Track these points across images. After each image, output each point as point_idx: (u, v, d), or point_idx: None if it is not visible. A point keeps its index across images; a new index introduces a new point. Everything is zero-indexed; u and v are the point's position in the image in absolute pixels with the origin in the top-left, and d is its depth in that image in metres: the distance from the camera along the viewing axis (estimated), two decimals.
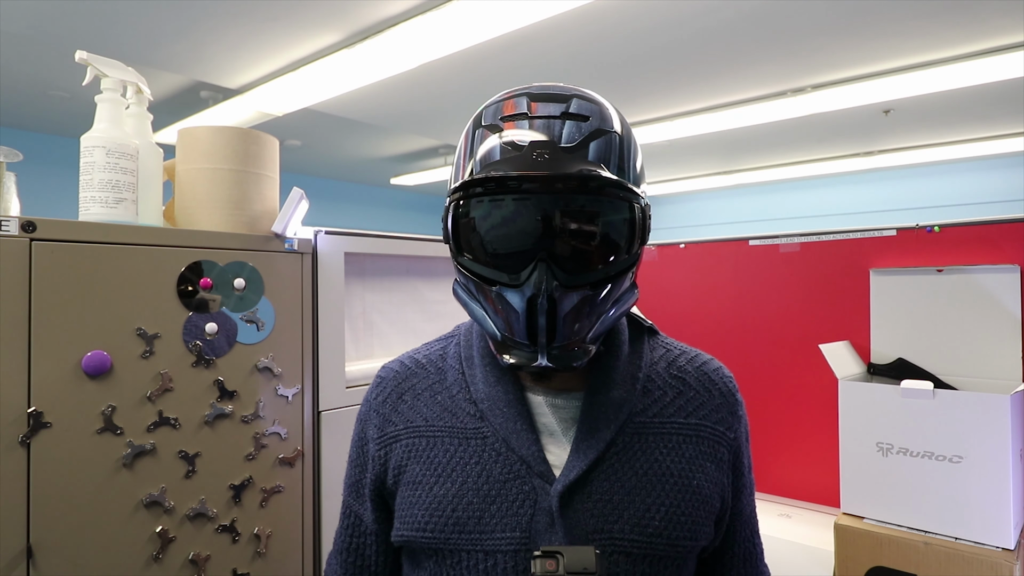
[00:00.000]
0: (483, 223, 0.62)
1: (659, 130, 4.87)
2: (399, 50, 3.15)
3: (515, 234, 0.60)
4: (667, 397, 0.68)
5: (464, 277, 0.65)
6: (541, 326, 0.59)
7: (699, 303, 2.09)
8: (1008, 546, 1.23)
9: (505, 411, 0.65)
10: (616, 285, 0.62)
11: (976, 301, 1.54)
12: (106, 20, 2.98)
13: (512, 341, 0.61)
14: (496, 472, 0.63)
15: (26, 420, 0.94)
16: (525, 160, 0.58)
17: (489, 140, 0.62)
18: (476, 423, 0.66)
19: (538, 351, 0.60)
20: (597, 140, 0.61)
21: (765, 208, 7.86)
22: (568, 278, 0.59)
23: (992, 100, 4.29)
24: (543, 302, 0.58)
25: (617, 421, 0.64)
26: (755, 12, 2.98)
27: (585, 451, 0.63)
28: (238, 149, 1.23)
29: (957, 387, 1.54)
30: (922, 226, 1.66)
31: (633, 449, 0.64)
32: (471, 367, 0.70)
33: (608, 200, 0.61)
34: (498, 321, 0.62)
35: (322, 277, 1.34)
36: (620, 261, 0.62)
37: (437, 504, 0.63)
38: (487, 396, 0.66)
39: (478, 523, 0.61)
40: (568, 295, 0.59)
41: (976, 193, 6.36)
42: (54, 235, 0.98)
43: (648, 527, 0.61)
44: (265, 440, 1.22)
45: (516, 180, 0.58)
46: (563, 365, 0.60)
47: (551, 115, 0.61)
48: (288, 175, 1.51)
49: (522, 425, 0.64)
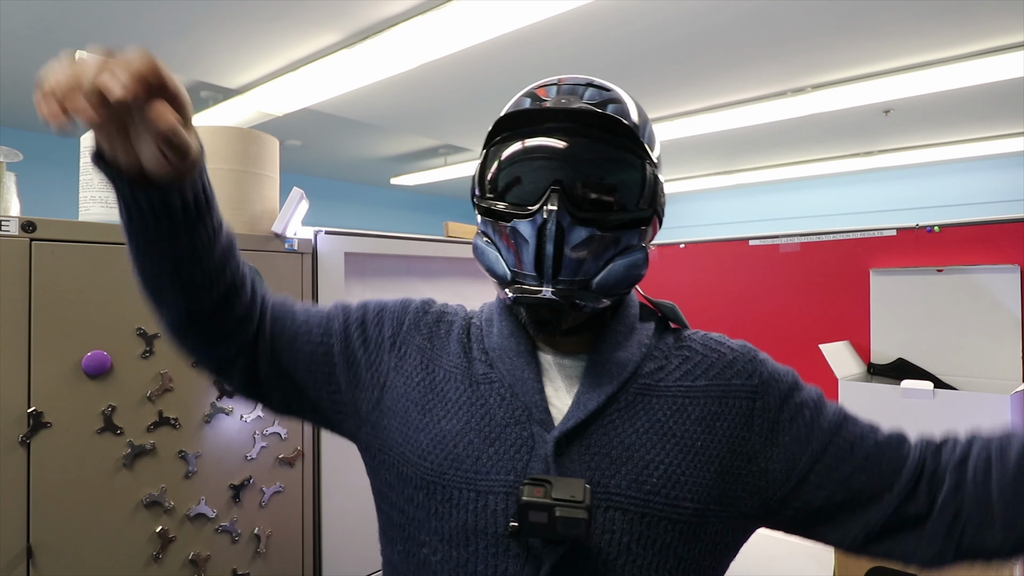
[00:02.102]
0: (506, 159, 0.66)
1: (659, 130, 4.81)
2: (399, 50, 3.15)
3: (533, 170, 0.64)
4: (672, 363, 0.68)
5: (483, 223, 0.68)
6: (548, 254, 0.61)
7: (699, 303, 2.09)
8: None
9: (514, 360, 0.67)
10: (624, 237, 0.64)
11: (976, 301, 1.54)
12: (106, 20, 2.98)
13: (520, 275, 0.64)
14: (499, 415, 0.65)
15: (26, 420, 0.94)
16: (551, 103, 0.65)
17: (521, 100, 0.68)
18: (485, 368, 0.68)
19: (543, 281, 0.62)
20: (616, 104, 0.66)
21: (765, 208, 7.85)
22: (578, 212, 0.61)
23: (992, 100, 4.29)
24: (551, 228, 0.60)
25: (620, 378, 0.65)
26: (755, 12, 2.98)
27: (586, 403, 0.64)
28: (238, 149, 1.23)
29: (957, 387, 1.54)
30: (922, 226, 1.66)
31: (635, 407, 0.65)
32: (488, 324, 0.73)
33: (622, 150, 0.64)
34: (509, 258, 0.65)
35: (322, 277, 1.34)
36: (628, 210, 0.65)
37: (441, 437, 0.64)
38: (499, 346, 0.69)
39: (475, 462, 0.62)
40: (576, 228, 0.61)
41: (976, 193, 6.36)
42: (54, 235, 0.98)
43: (645, 484, 0.60)
44: (265, 440, 1.22)
45: (540, 115, 0.64)
46: (566, 298, 0.61)
47: (577, 83, 0.68)
48: (288, 175, 1.51)
49: (529, 374, 0.66)
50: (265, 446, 1.21)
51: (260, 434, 1.20)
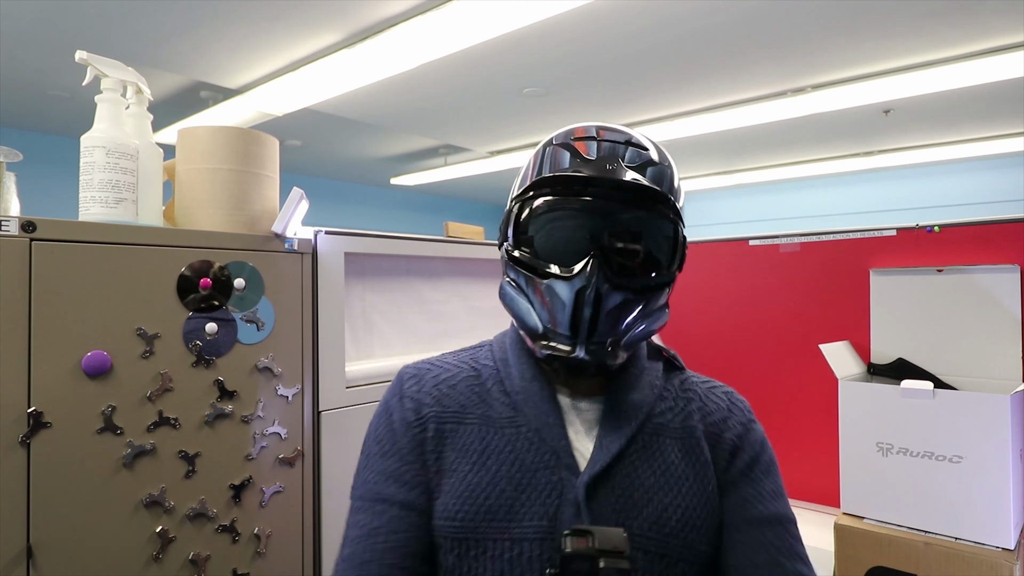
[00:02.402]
0: (546, 220, 0.68)
1: (659, 130, 4.87)
2: (399, 50, 3.15)
3: (573, 232, 0.66)
4: (679, 404, 0.73)
5: (515, 273, 0.70)
6: (585, 317, 0.64)
7: (699, 303, 2.09)
8: (1008, 546, 1.23)
9: (539, 404, 0.69)
10: (654, 298, 0.68)
11: (976, 301, 1.54)
12: (106, 20, 2.98)
13: (554, 333, 0.66)
14: (528, 460, 0.66)
15: (26, 420, 0.94)
16: (594, 167, 0.66)
17: (560, 153, 0.69)
18: (510, 412, 0.69)
19: (577, 342, 0.64)
20: (654, 167, 0.68)
21: (765, 208, 7.85)
22: (615, 278, 0.65)
23: (992, 100, 4.29)
24: (591, 294, 0.63)
25: (637, 419, 0.69)
26: (755, 12, 2.98)
27: (608, 446, 0.66)
28: (238, 149, 1.23)
29: (957, 387, 1.54)
30: (922, 226, 1.66)
31: (651, 448, 0.68)
32: (506, 365, 0.74)
33: (658, 216, 0.67)
34: (543, 313, 0.67)
35: (322, 277, 1.34)
36: (660, 274, 0.68)
37: (470, 492, 0.64)
38: (522, 389, 0.70)
39: (508, 511, 0.63)
40: (612, 294, 0.64)
41: (976, 193, 6.36)
42: (54, 235, 0.98)
43: (665, 527, 0.63)
44: (265, 440, 1.22)
45: (584, 182, 0.66)
46: (598, 360, 0.64)
47: (616, 140, 0.69)
48: (288, 175, 1.51)
49: (554, 419, 0.68)
50: (265, 446, 1.21)
51: (260, 434, 1.21)
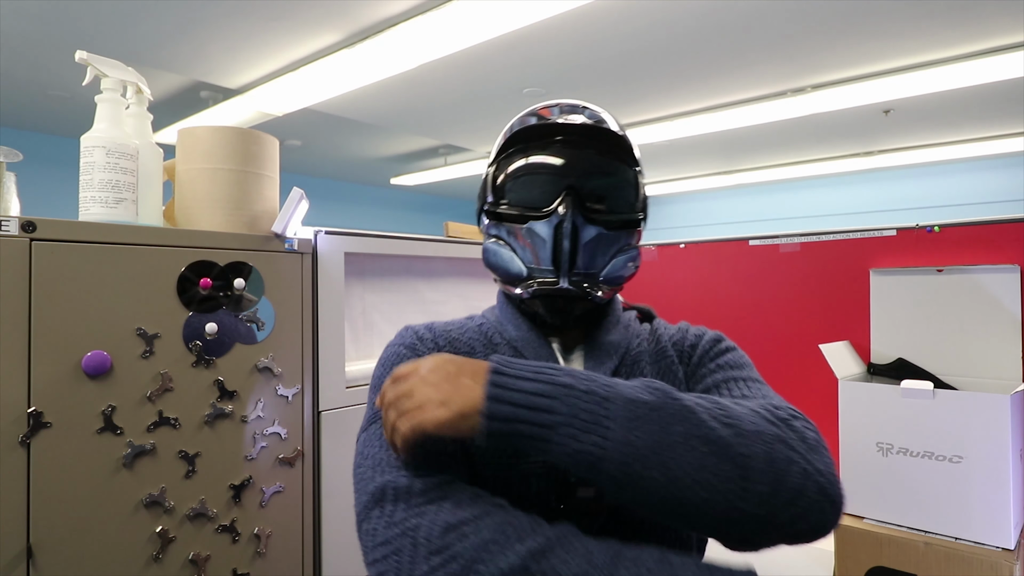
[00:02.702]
0: (521, 169, 0.75)
1: (659, 130, 4.87)
2: (399, 50, 3.15)
3: (546, 176, 0.73)
4: (652, 339, 0.81)
5: (497, 228, 0.76)
6: (565, 249, 0.70)
7: (699, 303, 2.09)
8: (1008, 546, 1.23)
9: (538, 350, 0.76)
10: (624, 237, 0.75)
11: (976, 301, 1.54)
12: (106, 20, 2.98)
13: (538, 271, 0.72)
14: None
15: (26, 420, 0.94)
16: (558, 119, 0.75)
17: (527, 119, 0.77)
18: (512, 352, 0.76)
19: (560, 274, 0.70)
20: (607, 123, 0.76)
21: (765, 208, 7.85)
22: (588, 212, 0.71)
23: (992, 100, 4.29)
24: (567, 227, 0.69)
25: (617, 355, 0.76)
26: (755, 12, 2.98)
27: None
28: (238, 149, 1.23)
29: (957, 387, 1.54)
30: (922, 226, 1.66)
31: (633, 375, 0.74)
32: (500, 323, 0.80)
33: (618, 162, 0.75)
34: (526, 255, 0.73)
35: (322, 277, 1.34)
36: (627, 212, 0.75)
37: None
38: (519, 338, 0.77)
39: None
40: (587, 227, 0.71)
41: (976, 193, 6.36)
42: (54, 235, 0.98)
43: None
44: (265, 440, 1.22)
45: (549, 129, 0.74)
46: (580, 289, 0.71)
47: (576, 106, 0.78)
48: (288, 175, 1.51)
49: (550, 358, 0.75)
50: (265, 446, 1.21)
51: (260, 434, 1.21)
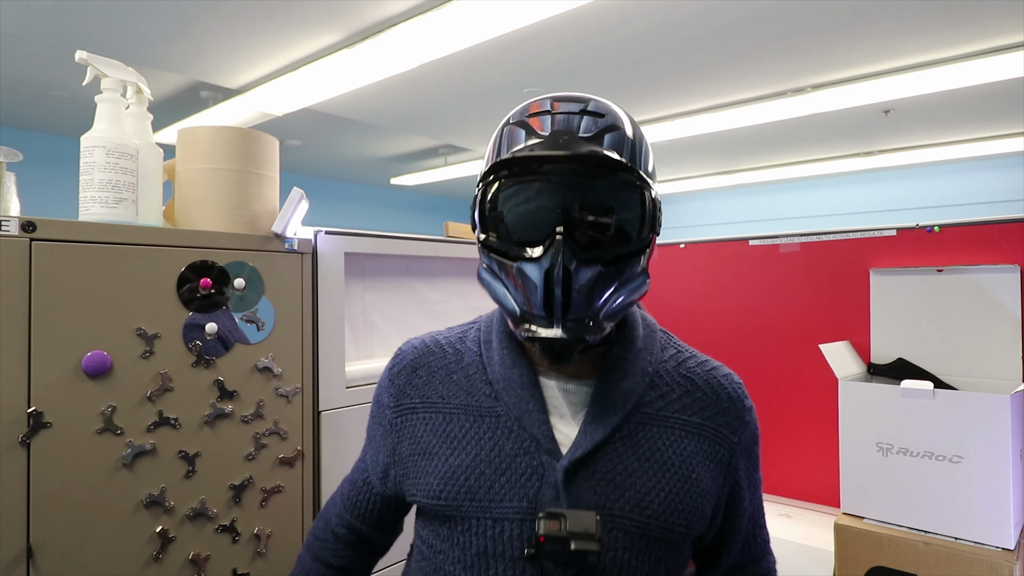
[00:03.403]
0: (508, 202, 0.67)
1: (659, 130, 4.87)
2: (399, 50, 3.15)
3: (536, 211, 0.66)
4: (674, 394, 0.72)
5: (488, 258, 0.70)
6: (557, 297, 0.63)
7: (699, 303, 2.09)
8: (1008, 546, 1.23)
9: (519, 392, 0.70)
10: (628, 268, 0.67)
11: (976, 301, 1.54)
12: (106, 20, 2.98)
13: (530, 314, 0.66)
14: (507, 447, 0.68)
15: (26, 420, 0.94)
16: (547, 144, 0.65)
17: (516, 132, 0.69)
18: (491, 402, 0.71)
19: (553, 321, 0.64)
20: (612, 133, 0.67)
21: (765, 208, 7.86)
22: (583, 253, 0.64)
23: (992, 100, 4.29)
24: (559, 274, 0.62)
25: (625, 409, 0.69)
26: (755, 12, 2.98)
27: (592, 433, 0.67)
28: (238, 149, 1.23)
29: (957, 387, 1.54)
30: (922, 226, 1.66)
31: (637, 436, 0.69)
32: (489, 350, 0.75)
33: (620, 184, 0.66)
34: (518, 296, 0.67)
35: (322, 277, 1.34)
36: (630, 243, 0.67)
37: (451, 474, 0.68)
38: (503, 377, 0.71)
39: (488, 492, 0.66)
40: (582, 270, 0.64)
41: (976, 193, 6.36)
42: (54, 235, 0.98)
43: (647, 509, 0.65)
44: (265, 440, 1.22)
45: (539, 160, 0.65)
46: (576, 337, 0.64)
47: (571, 111, 0.68)
48: (288, 175, 1.51)
49: (534, 406, 0.69)
50: (265, 446, 1.21)
51: (260, 434, 1.20)
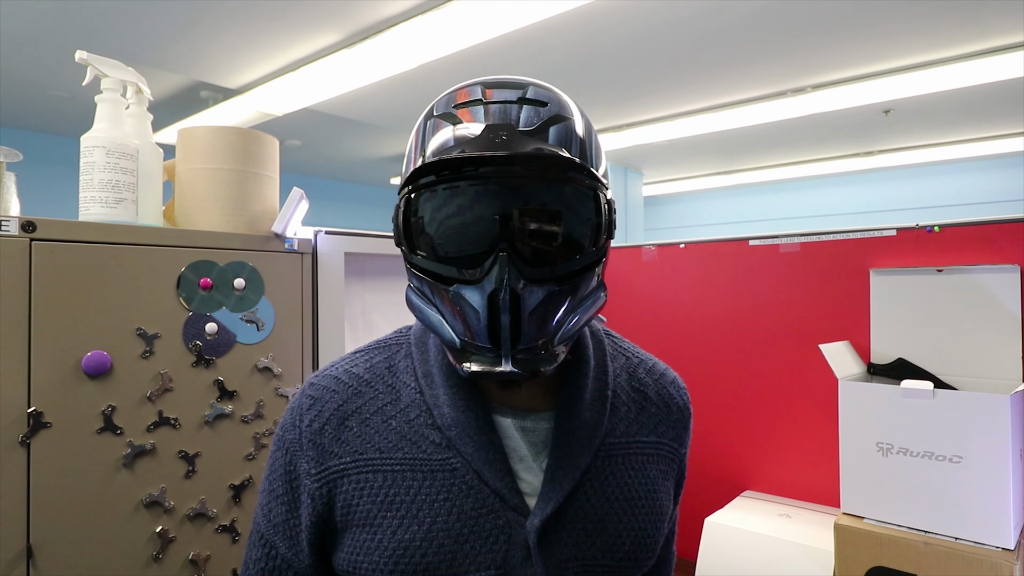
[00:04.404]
0: (437, 214, 0.55)
1: (659, 130, 4.87)
2: (399, 50, 3.15)
3: (472, 223, 0.54)
4: (631, 414, 0.67)
5: (418, 280, 0.59)
6: (504, 325, 0.53)
7: (699, 303, 2.09)
8: (1008, 546, 1.23)
9: (477, 439, 0.59)
10: (584, 283, 0.57)
11: (976, 301, 1.54)
12: (106, 20, 2.98)
13: (473, 347, 0.55)
14: (467, 508, 0.57)
15: (26, 420, 0.94)
16: (481, 143, 0.53)
17: (442, 129, 0.56)
18: (443, 453, 0.59)
19: (502, 355, 0.53)
20: (557, 125, 0.56)
21: (765, 208, 7.86)
22: (531, 271, 0.54)
23: (992, 100, 4.29)
24: (505, 298, 0.52)
25: (591, 447, 0.61)
26: (755, 12, 2.98)
27: (560, 480, 0.59)
28: (238, 149, 1.23)
29: (957, 387, 1.54)
30: (922, 226, 1.66)
31: (605, 474, 0.62)
32: (432, 387, 0.62)
33: (571, 186, 0.56)
34: (456, 325, 0.55)
35: (322, 277, 1.34)
36: (586, 254, 0.57)
37: (403, 551, 0.56)
38: (455, 422, 0.59)
39: (450, 566, 0.56)
40: (532, 291, 0.53)
41: (976, 193, 6.37)
42: (54, 235, 0.98)
43: (618, 552, 0.61)
44: (265, 440, 1.22)
45: (472, 163, 0.53)
46: (530, 370, 0.54)
47: (507, 100, 0.56)
48: (288, 175, 1.51)
49: (495, 454, 0.58)
50: (265, 446, 1.21)
51: (260, 434, 1.20)
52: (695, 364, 2.02)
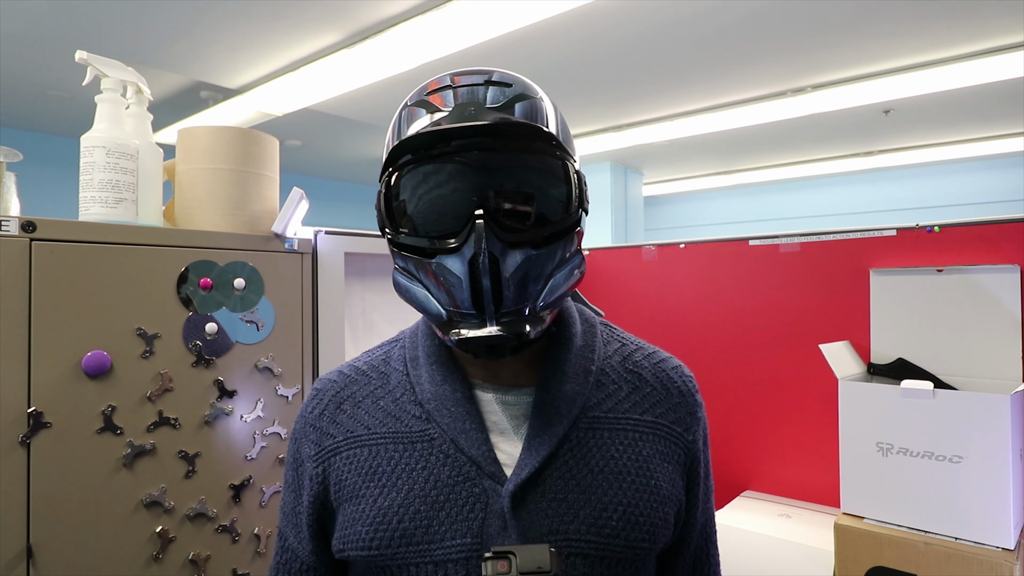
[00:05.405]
0: (416, 191, 0.59)
1: (659, 130, 4.87)
2: (399, 50, 3.15)
3: (449, 195, 0.57)
4: (622, 392, 0.66)
5: (403, 259, 0.61)
6: (486, 288, 0.55)
7: (699, 303, 2.09)
8: (1008, 546, 1.23)
9: (453, 410, 0.61)
10: (560, 248, 0.60)
11: (976, 301, 1.54)
12: (106, 20, 2.98)
13: (458, 315, 0.57)
14: (444, 476, 0.59)
15: (26, 420, 0.94)
16: (451, 118, 0.56)
17: (416, 113, 0.60)
18: (422, 425, 0.62)
19: (486, 318, 0.56)
20: (523, 101, 0.59)
21: (765, 208, 7.86)
22: (508, 236, 0.56)
23: (992, 100, 4.29)
24: (484, 261, 0.55)
25: (570, 416, 0.62)
26: (755, 12, 2.98)
27: (537, 448, 0.60)
28: (238, 149, 1.23)
29: (957, 387, 1.54)
30: (922, 226, 1.66)
31: (588, 445, 0.62)
32: (416, 367, 0.66)
33: (539, 155, 0.59)
34: (441, 297, 0.58)
35: (322, 277, 1.34)
36: (560, 220, 0.60)
37: (382, 517, 0.58)
38: (433, 396, 0.63)
39: (426, 532, 0.57)
40: (510, 254, 0.56)
41: (976, 193, 6.37)
42: (54, 235, 0.98)
43: (605, 527, 0.58)
44: (265, 440, 1.22)
45: (444, 137, 0.56)
46: (514, 332, 0.56)
47: (475, 83, 0.60)
48: (288, 175, 1.51)
49: (471, 424, 0.61)
50: (265, 446, 1.21)
51: (260, 434, 1.21)
52: (695, 364, 2.02)
